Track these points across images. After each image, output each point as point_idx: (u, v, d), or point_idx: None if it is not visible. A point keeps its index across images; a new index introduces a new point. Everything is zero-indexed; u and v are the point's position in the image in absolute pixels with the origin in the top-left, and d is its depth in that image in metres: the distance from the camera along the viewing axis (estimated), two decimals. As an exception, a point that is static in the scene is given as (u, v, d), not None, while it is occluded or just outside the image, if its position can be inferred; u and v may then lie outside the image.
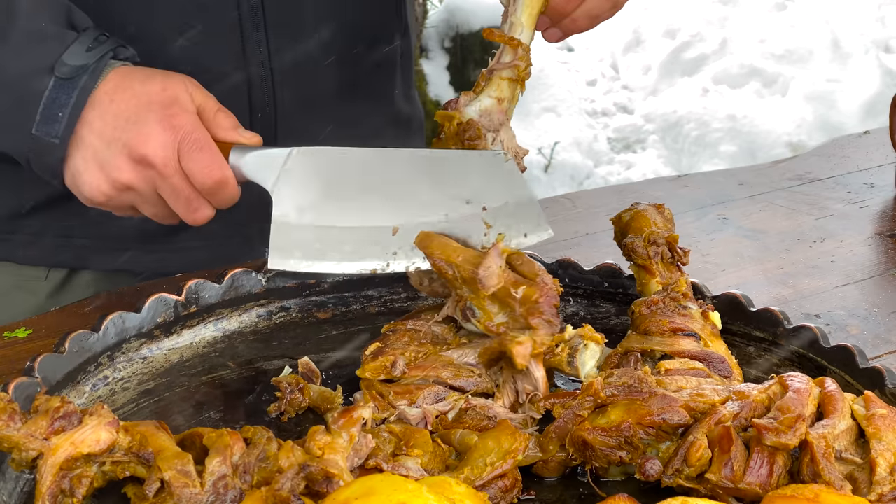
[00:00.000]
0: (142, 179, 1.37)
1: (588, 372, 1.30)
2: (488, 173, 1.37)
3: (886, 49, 6.75)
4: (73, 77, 1.38)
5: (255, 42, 1.64)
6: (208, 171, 1.36)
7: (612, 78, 6.93)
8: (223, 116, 1.41)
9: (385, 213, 1.38)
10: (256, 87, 1.65)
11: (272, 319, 1.51)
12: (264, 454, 1.11)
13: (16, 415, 1.10)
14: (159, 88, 1.39)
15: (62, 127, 1.38)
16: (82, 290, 1.72)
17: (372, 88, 1.80)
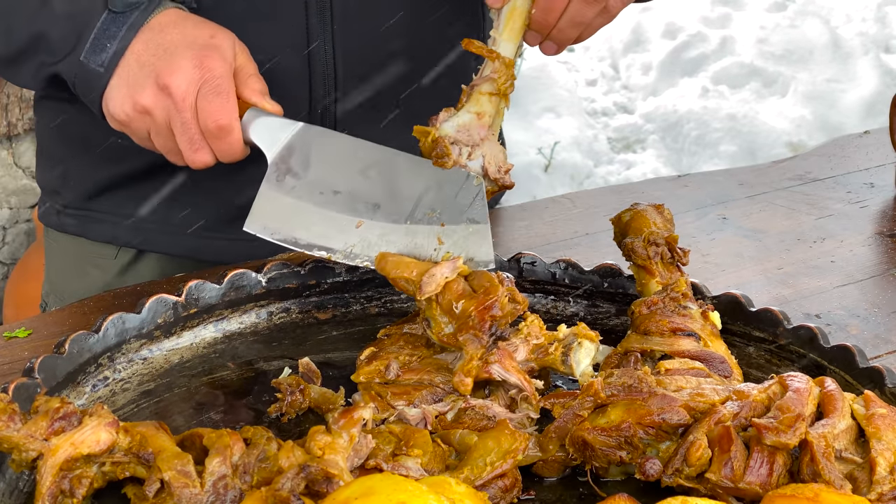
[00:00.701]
0: (159, 107, 1.41)
1: (583, 370, 1.30)
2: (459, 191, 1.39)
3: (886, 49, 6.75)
4: (125, 12, 1.44)
5: (321, 35, 1.64)
6: (216, 114, 1.39)
7: (612, 78, 6.93)
8: (255, 80, 1.44)
9: (359, 206, 1.40)
10: (318, 84, 1.66)
11: (272, 320, 1.51)
12: (264, 454, 1.11)
13: (16, 415, 1.10)
14: (208, 34, 1.44)
15: (108, 56, 1.43)
16: (149, 271, 1.78)
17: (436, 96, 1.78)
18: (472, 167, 1.35)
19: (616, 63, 7.06)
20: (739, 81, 6.56)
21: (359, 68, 1.69)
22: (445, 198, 1.38)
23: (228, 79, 1.42)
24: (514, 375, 1.28)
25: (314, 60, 1.65)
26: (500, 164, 1.37)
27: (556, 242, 1.81)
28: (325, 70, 1.66)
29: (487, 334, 1.29)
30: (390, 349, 1.36)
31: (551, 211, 1.93)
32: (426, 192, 1.39)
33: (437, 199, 1.38)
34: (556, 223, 1.88)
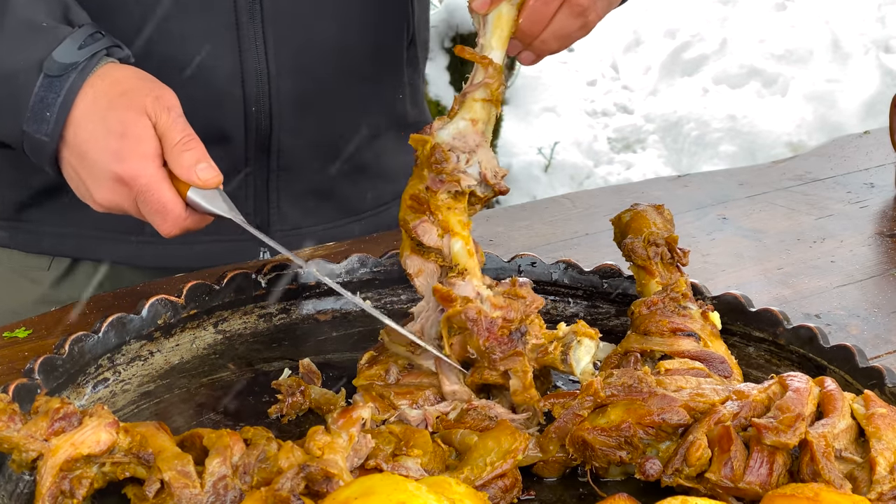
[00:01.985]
0: (114, 211, 1.40)
1: (583, 368, 1.30)
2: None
3: (886, 49, 6.75)
4: (62, 75, 1.37)
5: (251, 34, 1.62)
6: (165, 230, 1.37)
7: (612, 78, 6.93)
8: (181, 150, 1.37)
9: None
10: (251, 81, 1.63)
11: (272, 321, 1.51)
12: (264, 454, 1.11)
13: (16, 416, 1.10)
14: (118, 132, 1.37)
15: (51, 126, 1.38)
16: (85, 281, 1.73)
17: (372, 90, 1.80)
18: (470, 173, 1.35)
19: (616, 63, 7.07)
20: (739, 81, 6.56)
21: (291, 62, 1.66)
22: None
23: (157, 182, 1.36)
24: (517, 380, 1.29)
25: (245, 56, 1.62)
26: (497, 170, 1.37)
27: (556, 242, 1.81)
28: (257, 66, 1.64)
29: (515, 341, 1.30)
30: (389, 353, 1.36)
31: (551, 211, 1.93)
32: None
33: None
34: (556, 223, 1.88)
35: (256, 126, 1.66)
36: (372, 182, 1.83)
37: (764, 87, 6.50)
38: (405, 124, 1.88)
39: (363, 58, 1.75)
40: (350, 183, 1.80)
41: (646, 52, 7.02)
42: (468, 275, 1.32)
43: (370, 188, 1.83)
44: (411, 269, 1.36)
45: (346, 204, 1.81)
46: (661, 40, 7.03)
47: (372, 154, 1.82)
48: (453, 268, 1.33)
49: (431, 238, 1.33)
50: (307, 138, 1.71)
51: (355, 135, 1.78)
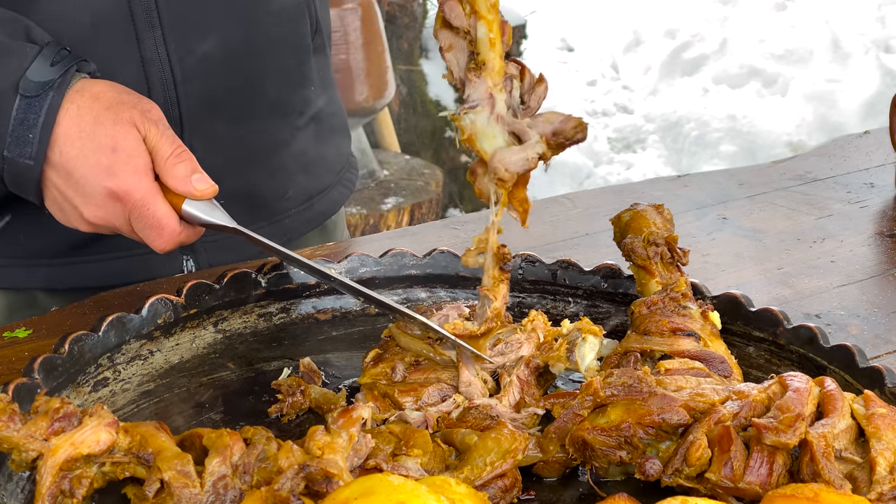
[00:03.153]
0: (104, 231, 1.40)
1: (588, 365, 1.30)
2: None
3: (886, 49, 6.75)
4: (39, 94, 1.36)
5: (152, 43, 1.59)
6: (160, 245, 1.37)
7: (612, 78, 6.93)
8: (174, 163, 1.38)
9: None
10: (157, 90, 1.60)
11: (272, 320, 1.51)
12: (264, 454, 1.11)
13: (16, 415, 1.10)
14: (109, 147, 1.37)
15: (35, 148, 1.37)
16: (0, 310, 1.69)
17: (281, 84, 1.76)
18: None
19: (616, 63, 7.07)
20: (739, 81, 6.56)
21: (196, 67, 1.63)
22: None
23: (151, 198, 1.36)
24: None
25: (149, 67, 1.60)
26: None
27: (556, 242, 1.81)
28: (161, 75, 1.61)
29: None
30: (395, 350, 1.36)
31: (551, 211, 1.93)
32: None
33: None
34: (556, 223, 1.88)
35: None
36: (292, 178, 1.81)
37: (764, 87, 6.51)
38: (319, 117, 1.85)
39: (269, 55, 1.72)
40: (270, 182, 1.77)
41: (646, 52, 7.02)
42: (485, 70, 1.30)
43: (291, 185, 1.81)
44: (443, 43, 1.31)
45: (268, 205, 1.78)
46: (661, 40, 7.03)
47: (288, 151, 1.79)
48: (474, 57, 1.30)
49: (459, 18, 1.29)
50: (220, 142, 1.67)
51: (269, 133, 1.75)
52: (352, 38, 4.58)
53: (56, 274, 1.66)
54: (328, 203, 1.88)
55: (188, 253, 1.70)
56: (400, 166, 5.05)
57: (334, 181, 1.90)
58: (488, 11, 1.28)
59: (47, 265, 1.66)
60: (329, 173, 1.89)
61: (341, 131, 1.94)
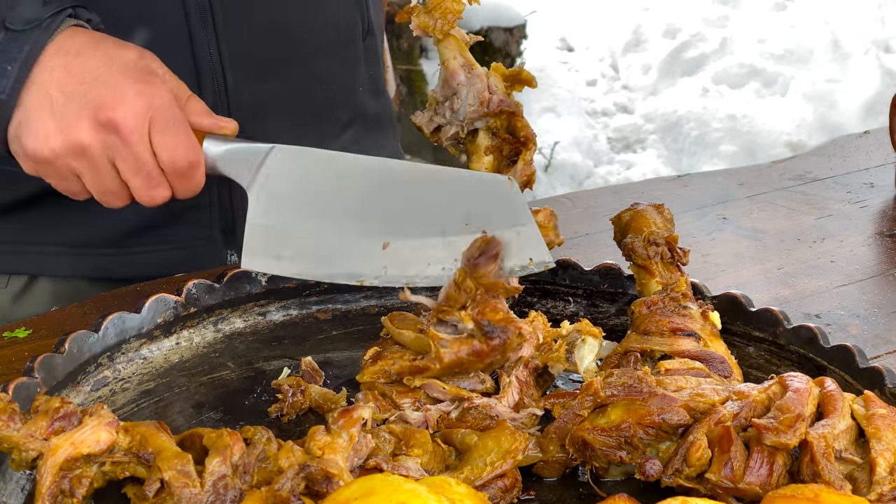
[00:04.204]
0: (101, 144, 1.28)
1: (587, 366, 1.30)
2: (490, 197, 1.31)
3: (886, 49, 6.75)
4: (25, 30, 1.29)
5: (205, 42, 1.59)
6: (183, 151, 1.29)
7: (612, 78, 6.93)
8: (194, 101, 1.34)
9: (377, 225, 1.30)
10: (208, 90, 1.61)
11: (272, 320, 1.51)
12: (264, 454, 1.11)
13: (16, 415, 1.10)
14: (136, 56, 1.32)
15: (10, 82, 1.28)
16: (43, 297, 1.69)
17: (332, 87, 1.77)
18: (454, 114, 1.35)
19: (616, 63, 7.07)
20: (739, 81, 6.56)
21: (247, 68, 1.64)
22: (479, 205, 1.29)
23: (178, 107, 1.30)
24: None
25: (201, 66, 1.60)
26: (485, 95, 1.36)
27: (556, 242, 1.80)
28: (213, 74, 1.61)
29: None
30: (394, 349, 1.35)
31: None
32: (453, 202, 1.29)
33: (469, 207, 1.28)
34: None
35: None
36: None
37: (764, 87, 6.51)
38: (366, 116, 1.86)
39: (321, 58, 1.73)
40: None
41: (646, 52, 7.02)
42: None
43: None
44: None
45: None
46: (661, 40, 7.03)
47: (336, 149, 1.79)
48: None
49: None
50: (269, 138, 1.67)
51: (317, 133, 1.74)
52: (352, 37, 4.57)
53: (102, 263, 1.66)
54: None
55: (233, 248, 1.70)
56: (400, 166, 5.04)
57: None
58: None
59: (94, 254, 1.65)
60: None
61: (388, 128, 1.95)
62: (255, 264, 1.33)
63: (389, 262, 1.31)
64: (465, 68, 1.36)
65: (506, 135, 1.37)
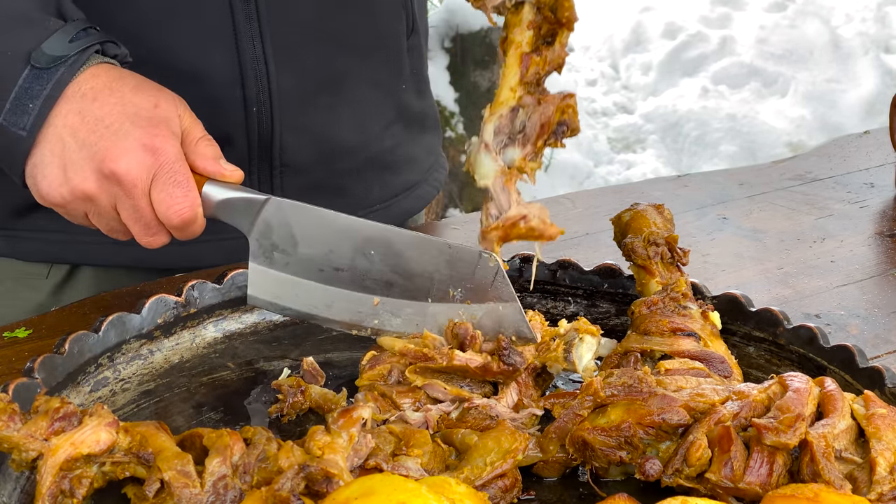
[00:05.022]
0: (104, 194, 1.33)
1: (586, 365, 1.30)
2: (473, 270, 1.33)
3: (886, 49, 6.75)
4: (50, 67, 1.32)
5: (248, 34, 1.60)
6: (178, 209, 1.32)
7: (612, 78, 6.93)
8: (205, 145, 1.36)
9: (369, 283, 1.34)
10: (250, 81, 1.62)
11: (272, 320, 1.51)
12: (264, 454, 1.11)
13: (16, 415, 1.10)
14: (151, 104, 1.34)
15: (31, 119, 1.31)
16: (85, 286, 1.71)
17: (374, 82, 1.78)
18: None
19: (616, 63, 7.07)
20: (739, 81, 6.56)
21: (290, 60, 1.64)
22: (461, 276, 1.32)
23: (182, 161, 1.32)
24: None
25: (244, 58, 1.61)
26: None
27: (556, 242, 1.80)
28: (255, 66, 1.62)
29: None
30: (391, 353, 1.35)
31: (551, 211, 1.92)
32: (437, 271, 1.33)
33: (451, 277, 1.32)
34: (557, 223, 1.88)
35: (258, 126, 1.65)
36: (379, 175, 1.82)
37: (764, 87, 6.51)
38: (410, 115, 1.86)
39: (364, 51, 1.74)
40: (356, 178, 1.78)
41: (646, 52, 7.02)
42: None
43: (377, 182, 1.82)
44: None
45: (352, 199, 1.77)
46: (661, 40, 7.03)
47: (377, 147, 1.80)
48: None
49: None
50: (310, 135, 1.70)
51: (359, 129, 1.77)
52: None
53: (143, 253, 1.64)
54: (413, 201, 1.89)
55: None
56: (400, 166, 5.04)
57: (421, 179, 1.91)
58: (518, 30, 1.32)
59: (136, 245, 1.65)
60: (416, 172, 1.90)
61: (432, 130, 1.96)
62: (260, 302, 1.39)
63: (381, 317, 1.36)
64: None
65: (548, 13, 1.35)
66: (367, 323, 1.36)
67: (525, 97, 1.34)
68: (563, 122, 1.34)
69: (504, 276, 1.32)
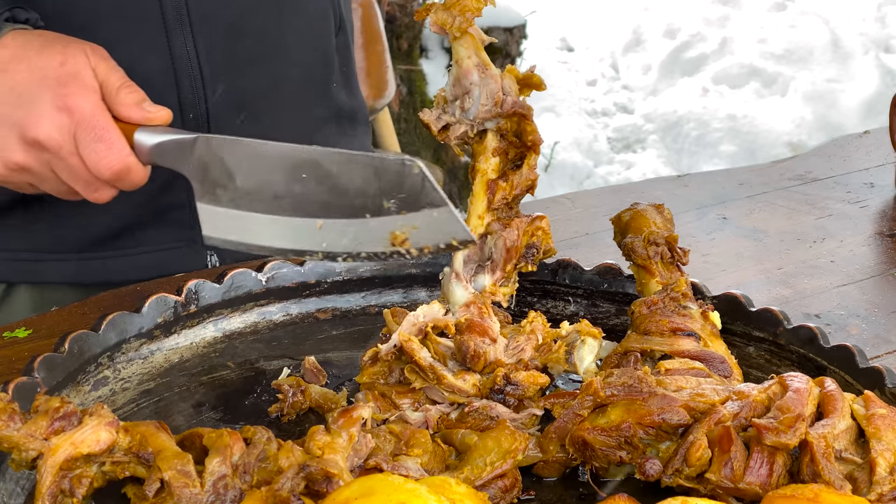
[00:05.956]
0: (36, 161, 1.31)
1: (587, 367, 1.30)
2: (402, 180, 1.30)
3: (886, 49, 6.75)
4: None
5: (181, 37, 1.59)
6: (106, 163, 1.29)
7: (612, 78, 6.93)
8: (126, 92, 1.32)
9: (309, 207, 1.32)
10: (185, 87, 1.60)
11: (272, 319, 1.51)
12: (264, 454, 1.11)
13: (16, 415, 1.10)
14: (57, 62, 1.31)
15: None
16: (23, 305, 1.68)
17: (307, 82, 1.77)
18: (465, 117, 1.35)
19: (616, 63, 7.07)
20: (739, 81, 6.56)
21: (224, 64, 1.63)
22: (391, 188, 1.29)
23: (101, 112, 1.29)
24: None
25: (178, 63, 1.59)
26: (498, 95, 1.37)
27: (557, 242, 1.79)
28: (189, 71, 1.60)
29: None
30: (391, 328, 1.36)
31: (551, 211, 1.93)
32: (368, 185, 1.30)
33: (382, 190, 1.29)
34: (556, 223, 1.88)
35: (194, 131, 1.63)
36: None
37: (764, 87, 6.51)
38: (342, 114, 1.86)
39: (295, 53, 1.73)
40: None
41: (646, 52, 7.02)
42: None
43: None
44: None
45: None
46: (661, 40, 7.03)
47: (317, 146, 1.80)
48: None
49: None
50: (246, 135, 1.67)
51: (295, 130, 1.75)
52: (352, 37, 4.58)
53: (82, 268, 1.65)
54: None
55: (212, 249, 1.70)
56: (400, 166, 5.04)
57: None
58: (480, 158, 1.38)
59: (74, 259, 1.64)
60: None
61: (363, 126, 1.96)
62: (214, 241, 1.35)
63: (326, 239, 1.33)
64: (480, 68, 1.36)
65: (513, 138, 1.38)
66: (316, 247, 1.32)
67: (493, 223, 1.35)
68: (533, 244, 1.37)
69: (432, 181, 1.28)
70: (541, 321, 1.35)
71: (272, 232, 1.33)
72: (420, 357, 1.28)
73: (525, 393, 1.27)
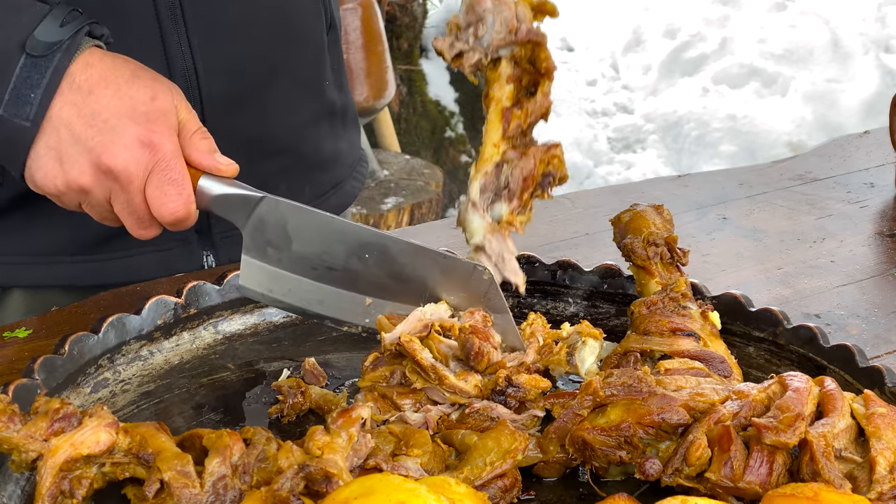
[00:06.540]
0: (99, 187, 1.32)
1: (588, 368, 1.30)
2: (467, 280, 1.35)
3: (886, 49, 6.75)
4: (47, 55, 1.30)
5: (175, 37, 1.59)
6: (172, 207, 1.31)
7: (612, 78, 6.93)
8: (200, 138, 1.35)
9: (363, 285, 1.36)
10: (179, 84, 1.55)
11: (272, 321, 1.51)
12: (264, 454, 1.11)
13: (16, 416, 1.10)
14: (148, 96, 1.33)
15: (34, 109, 1.30)
16: (15, 309, 1.67)
17: (300, 80, 1.78)
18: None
19: (616, 63, 7.07)
20: (739, 81, 6.57)
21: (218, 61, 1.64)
22: (454, 285, 1.34)
23: (179, 157, 1.31)
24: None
25: (172, 62, 1.60)
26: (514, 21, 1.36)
27: (556, 242, 1.81)
28: (185, 69, 1.61)
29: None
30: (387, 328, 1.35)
31: (551, 211, 1.93)
32: (431, 277, 1.35)
33: (445, 285, 1.34)
34: (556, 223, 1.88)
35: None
36: (308, 174, 1.82)
37: (764, 87, 6.51)
38: (334, 111, 1.87)
39: (288, 51, 1.74)
40: (286, 178, 1.77)
41: (646, 52, 7.02)
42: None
43: (307, 181, 1.82)
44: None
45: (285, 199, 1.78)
46: (661, 40, 7.03)
47: (306, 146, 1.81)
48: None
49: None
50: (240, 137, 1.66)
51: (287, 128, 1.76)
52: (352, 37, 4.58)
53: (76, 271, 1.65)
54: (342, 196, 1.90)
55: (208, 249, 1.70)
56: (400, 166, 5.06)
57: (347, 175, 1.92)
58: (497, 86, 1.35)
59: (68, 262, 1.64)
60: (343, 167, 1.91)
61: (353, 124, 1.97)
62: (250, 293, 1.38)
63: (372, 317, 1.37)
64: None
65: (527, 65, 1.36)
66: (359, 321, 1.37)
67: (509, 152, 1.35)
68: (549, 173, 1.36)
69: (497, 289, 1.34)
70: (541, 322, 1.35)
71: (316, 298, 1.37)
72: (422, 357, 1.28)
73: (526, 395, 1.27)
